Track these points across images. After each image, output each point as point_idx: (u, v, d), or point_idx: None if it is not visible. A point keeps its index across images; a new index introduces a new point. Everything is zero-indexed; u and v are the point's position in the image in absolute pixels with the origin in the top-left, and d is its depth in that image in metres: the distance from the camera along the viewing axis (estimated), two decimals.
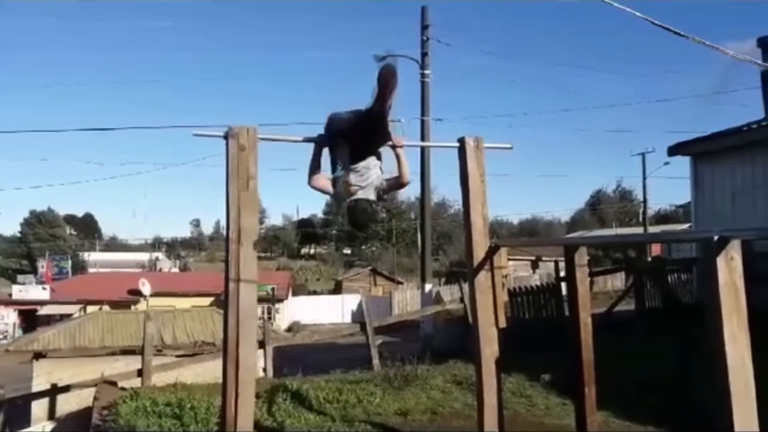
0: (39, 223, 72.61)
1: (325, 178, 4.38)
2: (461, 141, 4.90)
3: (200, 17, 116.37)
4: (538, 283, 13.98)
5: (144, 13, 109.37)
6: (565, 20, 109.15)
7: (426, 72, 17.19)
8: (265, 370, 10.95)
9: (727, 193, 11.66)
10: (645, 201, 43.69)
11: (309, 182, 4.42)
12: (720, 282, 2.90)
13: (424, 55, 17.29)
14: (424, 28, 17.34)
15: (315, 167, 4.39)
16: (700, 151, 12.41)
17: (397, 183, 4.52)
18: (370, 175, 4.24)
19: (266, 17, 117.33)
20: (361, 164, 4.21)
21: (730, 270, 2.92)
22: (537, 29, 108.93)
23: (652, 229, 41.95)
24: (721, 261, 2.91)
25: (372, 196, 4.28)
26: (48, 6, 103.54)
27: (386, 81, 3.99)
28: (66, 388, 11.36)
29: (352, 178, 4.21)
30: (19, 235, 74.40)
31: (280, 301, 34.74)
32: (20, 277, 55.30)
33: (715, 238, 2.93)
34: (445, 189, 61.77)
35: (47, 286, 37.15)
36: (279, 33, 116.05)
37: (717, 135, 12.11)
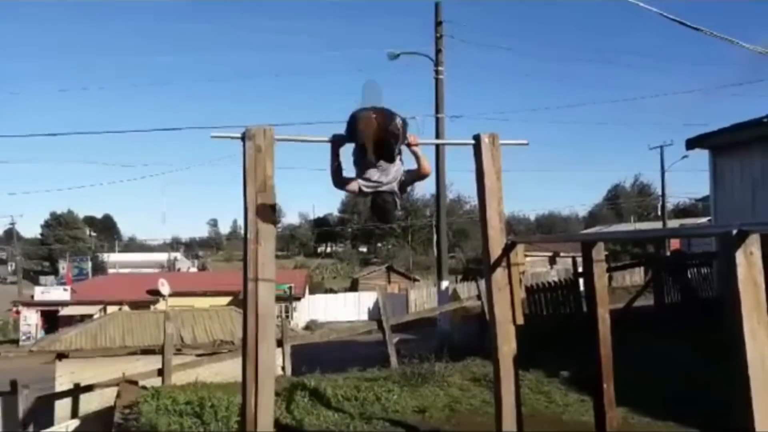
0: (59, 225, 73.69)
1: (350, 179, 4.38)
2: (476, 138, 4.89)
3: (217, 18, 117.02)
4: (556, 279, 13.89)
5: (161, 13, 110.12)
6: (581, 14, 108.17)
7: (440, 69, 17.16)
8: (283, 368, 11.01)
9: (747, 186, 11.49)
10: (663, 195, 43.28)
11: (335, 185, 4.44)
12: (739, 277, 2.87)
13: (438, 52, 17.26)
14: (438, 24, 17.31)
15: (336, 168, 4.40)
16: (719, 144, 12.24)
17: (418, 175, 4.57)
18: (390, 170, 4.31)
19: (281, 18, 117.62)
20: (382, 160, 4.27)
21: (749, 264, 2.90)
22: (552, 24, 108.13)
23: (671, 224, 41.47)
24: (740, 255, 2.88)
25: (395, 189, 4.37)
26: (68, 6, 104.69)
27: (362, 132, 4.02)
28: (88, 388, 11.51)
29: (374, 173, 4.27)
30: (40, 237, 75.54)
31: (298, 299, 34.91)
32: (42, 279, 56.25)
33: (734, 232, 2.91)
34: (461, 185, 61.79)
35: (68, 288, 37.69)
36: (294, 34, 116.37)
37: (736, 127, 11.92)
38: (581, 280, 11.05)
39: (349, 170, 4.42)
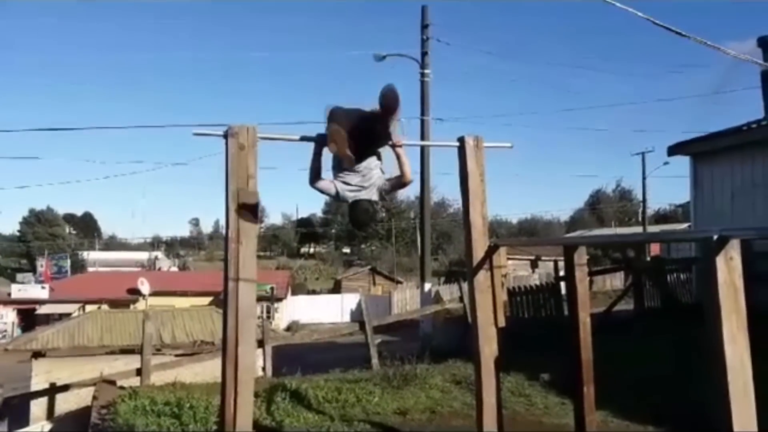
0: (38, 222, 72.52)
1: (327, 179, 4.35)
2: (461, 140, 4.89)
3: (199, 16, 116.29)
4: (538, 283, 13.98)
5: (142, 12, 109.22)
6: (565, 20, 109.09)
7: (426, 71, 17.18)
8: (264, 369, 10.95)
9: (727, 192, 11.65)
10: (644, 200, 43.75)
11: (311, 183, 4.39)
12: (719, 281, 2.89)
13: (423, 54, 17.29)
14: (424, 27, 17.33)
15: (316, 168, 4.36)
16: (700, 151, 12.41)
17: (399, 182, 4.53)
18: (372, 175, 4.28)
19: (265, 17, 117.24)
20: (363, 165, 4.24)
21: (729, 269, 2.92)
22: (537, 29, 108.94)
23: (652, 229, 41.94)
24: (720, 260, 2.90)
25: (374, 197, 4.34)
26: (47, 6, 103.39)
27: (389, 106, 3.98)
28: (65, 388, 11.35)
29: (354, 178, 4.23)
30: (18, 233, 74.33)
31: (279, 300, 34.70)
32: (19, 276, 55.28)
33: (715, 237, 2.93)
34: (445, 188, 61.89)
35: (46, 285, 37.11)
36: (278, 33, 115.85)
37: (716, 135, 12.11)
38: (562, 284, 11.14)
39: (328, 173, 4.39)
